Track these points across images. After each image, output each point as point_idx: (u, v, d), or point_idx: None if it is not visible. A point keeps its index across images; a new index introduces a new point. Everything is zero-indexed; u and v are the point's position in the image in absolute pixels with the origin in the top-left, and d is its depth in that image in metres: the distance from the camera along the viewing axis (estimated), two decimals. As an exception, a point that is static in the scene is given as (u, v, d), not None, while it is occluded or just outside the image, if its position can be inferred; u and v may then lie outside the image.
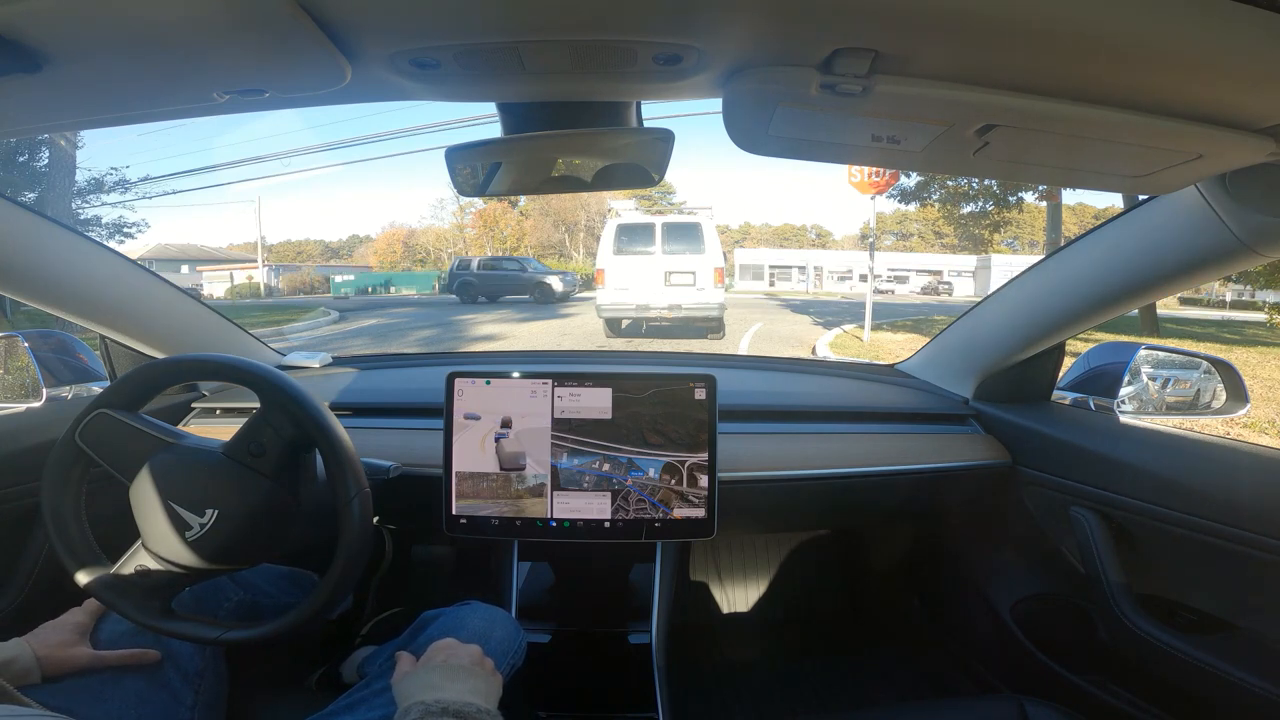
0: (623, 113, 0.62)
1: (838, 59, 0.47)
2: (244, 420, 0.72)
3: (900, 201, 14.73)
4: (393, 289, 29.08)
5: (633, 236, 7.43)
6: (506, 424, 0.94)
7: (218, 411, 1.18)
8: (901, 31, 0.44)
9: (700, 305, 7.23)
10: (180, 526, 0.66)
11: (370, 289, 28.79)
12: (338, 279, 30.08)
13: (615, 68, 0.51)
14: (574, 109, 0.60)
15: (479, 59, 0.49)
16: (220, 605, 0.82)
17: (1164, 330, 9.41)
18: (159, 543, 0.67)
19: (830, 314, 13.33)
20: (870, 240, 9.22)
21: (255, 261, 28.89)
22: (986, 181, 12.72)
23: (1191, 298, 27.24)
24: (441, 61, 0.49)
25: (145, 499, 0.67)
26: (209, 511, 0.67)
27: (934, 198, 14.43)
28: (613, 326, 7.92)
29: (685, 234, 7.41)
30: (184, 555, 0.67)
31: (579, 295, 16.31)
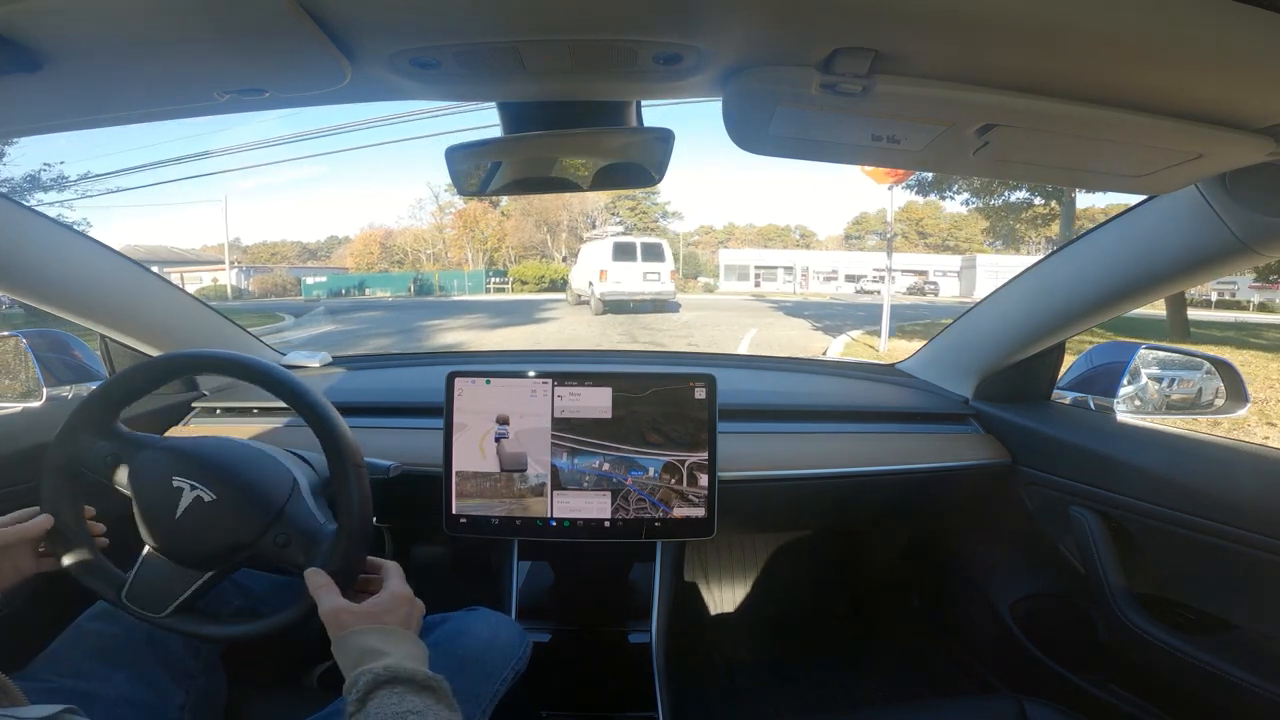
0: (623, 112, 0.62)
1: (838, 59, 0.47)
2: (246, 420, 0.71)
3: (918, 193, 13.55)
4: (367, 291, 28.57)
5: (622, 250, 12.45)
6: (507, 423, 0.94)
7: (218, 411, 1.18)
8: (901, 31, 0.44)
9: (663, 292, 12.59)
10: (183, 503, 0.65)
11: (343, 291, 28.29)
12: (310, 281, 29.55)
13: (615, 67, 0.51)
14: (574, 108, 0.60)
15: (479, 59, 0.49)
16: (220, 610, 0.82)
17: (1191, 335, 8.51)
18: (181, 536, 0.66)
19: (826, 316, 13.15)
20: (889, 237, 9.72)
21: (224, 263, 28.51)
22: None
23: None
24: (442, 61, 0.49)
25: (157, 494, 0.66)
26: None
27: (953, 190, 13.26)
28: (607, 305, 12.37)
29: (654, 250, 12.69)
30: (221, 531, 0.66)
31: (556, 298, 16.80)
